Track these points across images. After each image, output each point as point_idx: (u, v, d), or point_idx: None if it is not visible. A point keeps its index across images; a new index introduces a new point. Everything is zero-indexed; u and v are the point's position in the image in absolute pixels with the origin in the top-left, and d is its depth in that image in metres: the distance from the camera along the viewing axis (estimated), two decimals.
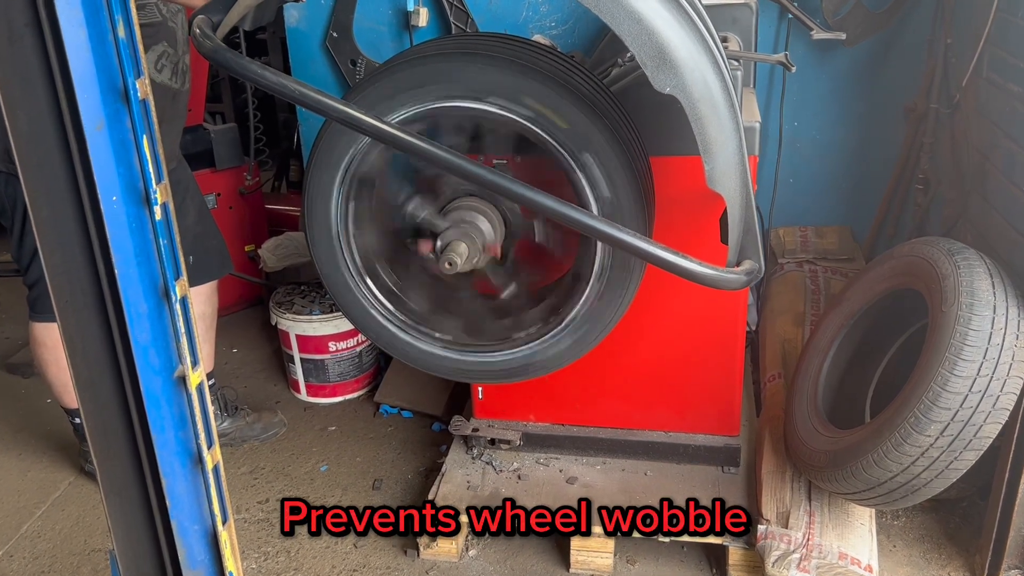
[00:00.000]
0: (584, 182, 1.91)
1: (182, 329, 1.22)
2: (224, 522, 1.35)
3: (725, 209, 1.73)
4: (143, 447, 1.30)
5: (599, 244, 1.98)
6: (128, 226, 1.15)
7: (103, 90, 1.09)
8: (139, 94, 1.11)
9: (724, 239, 1.79)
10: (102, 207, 1.14)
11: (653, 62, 1.56)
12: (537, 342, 2.14)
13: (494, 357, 2.18)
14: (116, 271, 1.17)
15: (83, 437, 2.87)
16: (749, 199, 1.74)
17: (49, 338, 2.73)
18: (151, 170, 1.14)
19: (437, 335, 2.20)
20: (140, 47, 1.11)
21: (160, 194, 1.16)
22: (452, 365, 2.22)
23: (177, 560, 1.35)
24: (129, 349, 1.22)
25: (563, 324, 2.09)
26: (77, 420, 2.86)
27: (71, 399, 2.81)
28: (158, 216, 1.16)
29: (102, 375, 1.26)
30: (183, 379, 1.25)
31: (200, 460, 1.29)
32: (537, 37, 3.02)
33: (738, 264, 1.78)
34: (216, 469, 1.32)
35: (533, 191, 1.60)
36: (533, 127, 1.89)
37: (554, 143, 1.89)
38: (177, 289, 1.21)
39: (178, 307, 1.21)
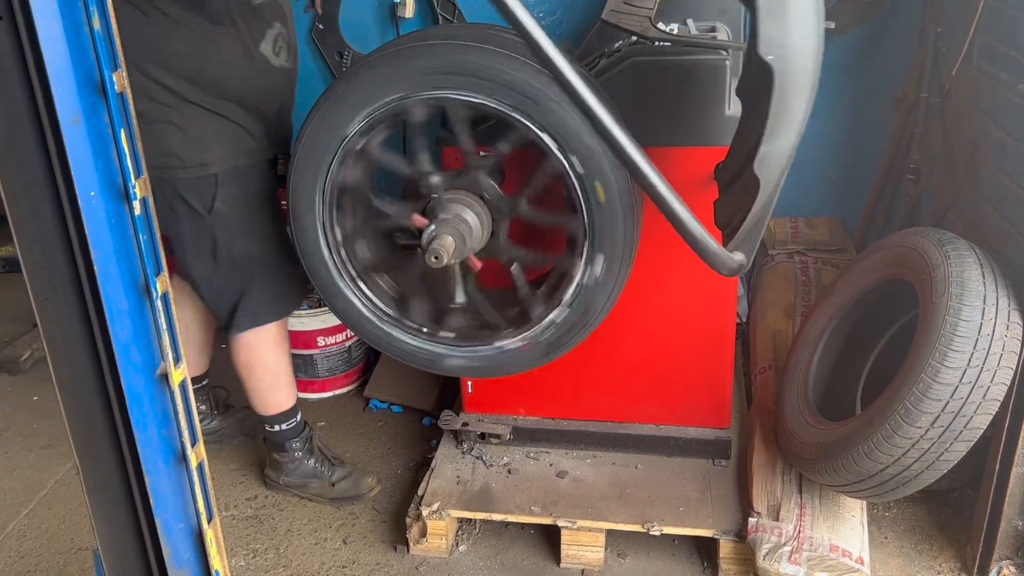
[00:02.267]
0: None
1: (164, 326, 1.21)
2: (209, 520, 1.33)
3: (719, 195, 1.69)
4: (126, 445, 1.29)
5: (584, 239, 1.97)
6: (107, 222, 1.14)
7: (79, 83, 1.07)
8: (116, 87, 1.09)
9: (718, 221, 1.76)
10: (80, 203, 1.12)
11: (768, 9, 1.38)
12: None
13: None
14: (95, 268, 1.15)
15: (273, 448, 2.80)
16: (775, 195, 1.69)
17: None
18: (130, 165, 1.12)
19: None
20: (117, 39, 1.09)
21: (139, 189, 1.14)
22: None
23: (162, 559, 1.34)
24: (110, 347, 1.21)
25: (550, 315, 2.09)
26: (276, 427, 2.75)
27: (275, 403, 2.73)
28: (137, 211, 1.14)
29: (84, 373, 1.25)
30: (165, 376, 1.23)
31: (184, 458, 1.28)
32: None
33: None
34: (200, 467, 1.31)
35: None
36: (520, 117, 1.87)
37: (542, 133, 1.87)
38: (158, 285, 1.19)
39: (159, 304, 1.19)
